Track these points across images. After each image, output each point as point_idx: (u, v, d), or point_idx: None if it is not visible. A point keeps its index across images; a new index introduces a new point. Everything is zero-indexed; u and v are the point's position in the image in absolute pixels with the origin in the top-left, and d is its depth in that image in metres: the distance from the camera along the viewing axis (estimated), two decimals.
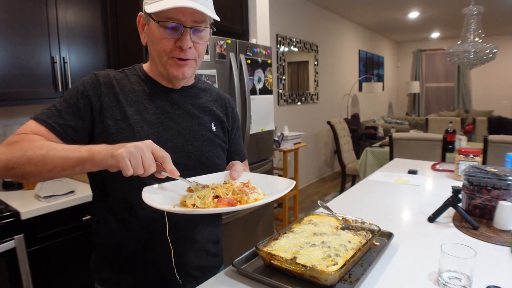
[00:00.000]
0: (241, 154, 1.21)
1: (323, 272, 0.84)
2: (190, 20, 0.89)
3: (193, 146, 1.01)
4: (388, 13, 6.54)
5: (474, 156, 1.85)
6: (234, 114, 1.19)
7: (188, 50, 0.92)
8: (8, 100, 1.87)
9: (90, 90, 0.94)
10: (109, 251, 1.02)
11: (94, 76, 0.98)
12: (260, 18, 3.12)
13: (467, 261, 0.85)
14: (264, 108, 2.86)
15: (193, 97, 1.07)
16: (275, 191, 0.88)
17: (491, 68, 8.31)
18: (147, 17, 0.93)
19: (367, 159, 3.98)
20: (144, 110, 0.98)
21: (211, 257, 1.10)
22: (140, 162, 0.74)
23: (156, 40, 0.92)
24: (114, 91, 0.96)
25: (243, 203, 0.81)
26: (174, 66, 0.94)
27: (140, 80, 1.01)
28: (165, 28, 0.89)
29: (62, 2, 2.04)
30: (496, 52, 4.44)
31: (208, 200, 0.81)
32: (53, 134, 0.88)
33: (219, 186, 0.87)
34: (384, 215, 1.43)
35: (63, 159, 0.78)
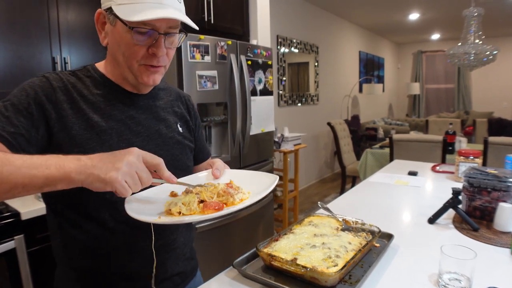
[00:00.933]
0: (205, 151, 1.18)
1: (324, 273, 0.84)
2: (165, 26, 0.83)
3: (164, 150, 0.96)
4: (389, 15, 6.54)
5: (474, 157, 1.85)
6: (195, 112, 1.15)
7: (161, 57, 0.86)
8: None
9: (43, 96, 0.81)
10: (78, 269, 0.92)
11: (45, 79, 0.85)
12: (261, 19, 3.12)
13: (467, 262, 0.85)
14: (265, 109, 2.86)
15: (155, 98, 1.01)
16: (259, 188, 0.85)
17: (491, 70, 8.31)
18: (113, 17, 0.83)
19: (367, 161, 3.98)
20: (109, 116, 0.89)
21: (188, 261, 1.06)
22: (137, 179, 0.67)
23: (126, 46, 0.84)
24: (72, 97, 0.85)
25: (229, 204, 0.79)
26: (145, 73, 0.87)
27: (96, 83, 0.91)
28: (138, 34, 0.82)
29: (63, 2, 2.05)
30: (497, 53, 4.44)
31: (193, 206, 0.78)
32: (3, 145, 0.73)
33: (203, 190, 0.83)
34: (384, 217, 1.43)
35: (25, 178, 0.64)
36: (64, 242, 0.91)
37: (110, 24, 0.85)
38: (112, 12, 0.82)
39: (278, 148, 3.83)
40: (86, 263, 0.90)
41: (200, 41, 2.21)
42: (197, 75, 2.21)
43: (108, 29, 0.87)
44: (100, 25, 0.89)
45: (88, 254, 0.90)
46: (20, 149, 0.75)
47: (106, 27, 0.87)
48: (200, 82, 2.23)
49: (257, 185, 0.87)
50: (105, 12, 0.85)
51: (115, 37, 0.85)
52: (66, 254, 0.92)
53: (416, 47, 10.08)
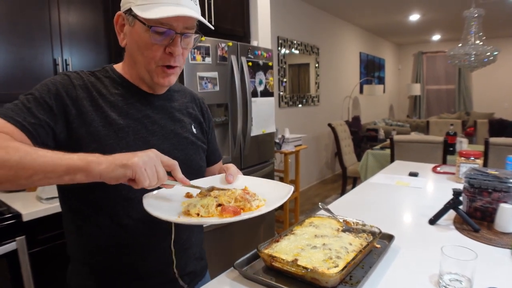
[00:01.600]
0: (217, 153, 1.20)
1: (324, 274, 0.84)
2: (182, 26, 0.86)
3: (179, 150, 0.98)
4: (389, 16, 6.55)
5: (475, 158, 1.85)
6: (209, 114, 1.17)
7: (177, 57, 0.89)
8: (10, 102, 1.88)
9: (64, 92, 0.85)
10: (92, 266, 0.94)
11: (67, 77, 0.88)
12: (261, 21, 3.13)
13: (468, 263, 0.85)
14: (265, 111, 2.87)
15: (170, 100, 1.03)
16: (274, 197, 0.86)
17: (492, 71, 8.30)
18: (132, 18, 0.86)
19: (368, 162, 3.97)
20: (126, 114, 0.91)
21: (197, 261, 1.08)
22: (155, 172, 0.71)
23: (145, 46, 0.87)
24: (92, 95, 0.89)
25: (246, 210, 0.81)
26: (161, 75, 0.90)
27: (115, 83, 0.94)
28: (156, 33, 0.85)
29: (65, 4, 2.05)
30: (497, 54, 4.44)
31: (212, 209, 0.80)
32: (24, 134, 0.75)
33: (221, 193, 0.85)
34: (385, 218, 1.43)
35: (48, 165, 0.67)
36: (79, 238, 0.94)
37: (129, 25, 0.88)
38: (131, 12, 0.85)
39: (279, 149, 3.83)
40: (99, 259, 0.93)
41: (201, 43, 2.22)
42: (198, 77, 2.21)
43: (127, 30, 0.90)
44: (119, 27, 0.92)
45: (101, 250, 0.92)
46: (40, 141, 0.78)
47: (125, 28, 0.90)
48: (201, 83, 2.24)
49: (271, 193, 0.88)
50: (124, 14, 0.89)
51: (134, 38, 0.88)
52: (80, 250, 0.95)
53: (416, 48, 10.08)
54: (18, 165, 0.66)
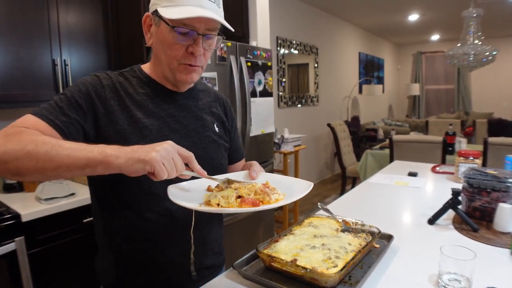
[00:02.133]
0: (240, 152, 1.24)
1: (323, 274, 0.84)
2: (204, 27, 0.90)
3: (200, 148, 1.02)
4: (388, 16, 6.55)
5: (474, 158, 1.85)
6: (232, 114, 1.21)
7: (199, 57, 0.93)
8: (9, 102, 1.88)
9: (93, 92, 0.91)
10: (116, 253, 1.00)
11: (96, 78, 0.95)
12: (261, 21, 3.13)
13: (467, 263, 0.85)
14: (264, 111, 2.87)
15: (194, 99, 1.07)
16: (293, 192, 0.89)
17: (491, 70, 8.31)
18: (158, 19, 0.91)
19: (368, 162, 3.98)
20: (151, 113, 0.97)
21: (216, 256, 1.12)
22: (173, 164, 0.73)
23: (168, 45, 0.91)
24: (119, 95, 0.94)
25: (265, 203, 0.82)
26: (183, 72, 0.94)
27: (142, 83, 1.00)
28: (179, 34, 0.89)
29: (64, 5, 2.05)
30: (496, 54, 4.45)
31: (231, 200, 0.82)
32: (56, 131, 0.82)
33: (242, 186, 0.87)
34: (384, 217, 1.43)
35: (70, 158, 0.71)
36: (105, 228, 1.00)
37: (155, 25, 0.93)
38: (157, 13, 0.90)
39: (278, 149, 3.83)
40: (123, 248, 0.98)
41: None
42: None
43: (153, 30, 0.95)
44: (147, 27, 0.97)
45: (125, 240, 0.97)
46: (71, 138, 0.83)
47: (152, 28, 0.95)
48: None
49: (291, 189, 0.91)
50: (151, 15, 0.94)
51: (159, 37, 0.93)
52: (106, 239, 1.00)
53: (415, 48, 10.09)
54: (45, 158, 0.71)
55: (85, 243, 1.87)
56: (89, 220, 1.87)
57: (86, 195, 1.89)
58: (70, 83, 2.08)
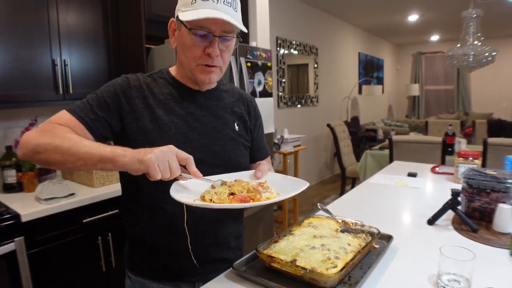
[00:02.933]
0: (263, 151, 1.28)
1: (323, 274, 0.84)
2: (219, 29, 0.95)
3: (217, 145, 1.07)
4: (388, 16, 6.56)
5: (473, 158, 1.85)
6: (256, 113, 1.25)
7: (215, 58, 0.98)
8: (9, 103, 1.88)
9: (121, 92, 1.01)
10: (139, 241, 1.09)
11: (126, 79, 1.05)
12: (260, 21, 3.13)
13: (466, 263, 0.85)
14: (264, 111, 2.86)
15: (217, 99, 1.13)
16: (287, 191, 0.93)
17: (491, 71, 8.31)
18: (179, 23, 0.98)
19: (367, 162, 3.98)
20: (172, 111, 1.04)
21: (232, 250, 1.16)
22: (167, 166, 0.80)
23: (187, 47, 0.98)
24: (144, 94, 1.03)
25: (256, 201, 0.87)
26: (202, 72, 1.01)
27: (167, 83, 1.08)
28: (196, 36, 0.95)
29: (63, 5, 2.05)
30: (495, 55, 4.45)
31: (223, 196, 0.87)
32: (84, 127, 0.95)
33: (236, 184, 0.92)
34: (383, 218, 1.43)
35: (87, 154, 0.83)
36: (130, 218, 1.11)
37: (178, 29, 1.01)
38: (178, 18, 0.98)
39: (278, 149, 3.83)
40: (143, 237, 1.08)
41: None
42: None
43: (176, 34, 1.03)
44: (172, 31, 1.05)
45: (144, 229, 1.07)
46: (98, 132, 0.97)
47: (176, 33, 1.03)
48: None
49: (288, 188, 0.95)
50: (175, 20, 1.01)
51: (180, 40, 1.01)
52: (132, 228, 1.11)
53: (415, 48, 10.09)
54: (68, 152, 0.84)
55: (85, 243, 1.87)
56: (89, 220, 1.87)
57: (86, 195, 1.89)
58: (70, 83, 2.08)
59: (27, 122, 2.17)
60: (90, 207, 1.89)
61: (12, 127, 2.17)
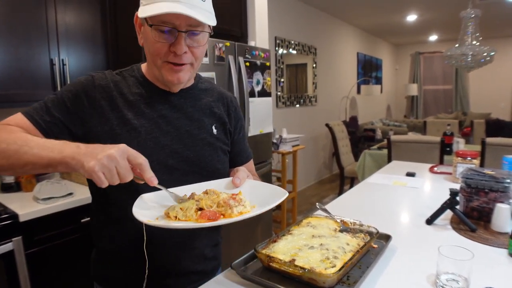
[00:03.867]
0: (244, 154, 1.19)
1: (322, 274, 0.84)
2: (185, 24, 0.85)
3: (192, 151, 0.98)
4: (387, 16, 6.56)
5: (471, 158, 1.85)
6: (237, 114, 1.14)
7: (183, 55, 0.88)
8: (7, 102, 1.87)
9: (83, 93, 0.91)
10: (107, 251, 1.01)
11: (91, 78, 0.94)
12: (259, 21, 3.13)
13: (465, 263, 0.85)
14: (263, 111, 2.87)
15: (193, 99, 1.03)
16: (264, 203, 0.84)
17: (489, 71, 8.32)
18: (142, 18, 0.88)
19: (366, 162, 3.98)
20: (142, 114, 0.94)
21: (209, 261, 1.09)
22: (114, 173, 0.69)
23: (150, 43, 0.89)
24: (111, 95, 0.93)
25: (227, 216, 0.78)
26: (169, 71, 0.90)
27: (137, 82, 0.98)
28: (159, 32, 0.86)
29: (62, 4, 2.05)
30: (494, 55, 4.46)
31: (190, 213, 0.78)
32: (37, 129, 0.86)
33: (204, 197, 0.83)
34: (382, 218, 1.43)
35: (35, 157, 0.74)
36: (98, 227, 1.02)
37: (142, 24, 0.91)
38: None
39: (277, 149, 3.83)
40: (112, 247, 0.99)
41: None
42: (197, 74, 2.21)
43: (142, 30, 0.93)
44: (138, 26, 0.95)
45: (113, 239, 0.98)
46: (53, 136, 0.85)
47: (142, 28, 0.93)
48: None
49: (265, 199, 0.86)
50: None
51: (145, 36, 0.91)
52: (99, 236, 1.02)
53: (414, 48, 10.11)
54: (14, 156, 0.75)
55: (82, 243, 1.86)
56: (87, 220, 1.86)
57: (84, 195, 1.89)
58: (68, 83, 2.07)
59: None
60: (88, 207, 1.87)
61: None
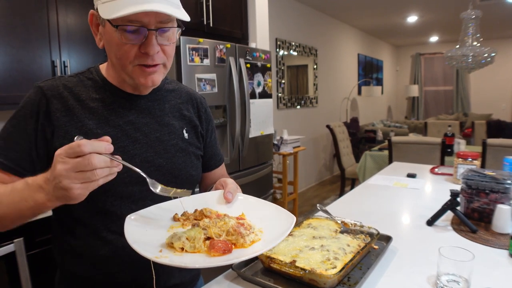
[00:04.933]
0: (217, 158, 1.13)
1: (322, 275, 0.84)
2: (154, 21, 0.77)
3: (164, 159, 0.91)
4: (387, 17, 6.57)
5: (472, 159, 1.85)
6: (208, 115, 1.08)
7: (156, 55, 0.80)
8: (9, 104, 1.88)
9: (35, 110, 0.82)
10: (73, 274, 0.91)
11: (39, 89, 0.83)
12: (260, 23, 3.14)
13: (465, 264, 0.85)
14: (264, 112, 2.87)
15: (161, 101, 0.95)
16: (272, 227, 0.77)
17: (490, 72, 8.33)
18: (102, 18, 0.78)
19: (366, 163, 3.98)
20: (106, 122, 0.85)
21: (186, 271, 1.00)
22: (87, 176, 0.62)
23: (116, 46, 0.79)
24: (67, 104, 0.83)
25: (239, 246, 0.71)
26: (141, 75, 0.82)
27: (97, 86, 0.88)
28: (126, 32, 0.76)
29: (63, 6, 2.05)
30: (494, 56, 4.46)
31: (198, 244, 0.71)
32: (6, 172, 0.78)
33: (211, 225, 0.76)
34: (383, 219, 1.43)
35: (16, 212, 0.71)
36: (61, 247, 0.92)
37: (102, 25, 0.81)
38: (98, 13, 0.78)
39: (278, 150, 3.84)
40: (78, 269, 0.90)
41: (199, 45, 2.22)
42: (196, 78, 2.21)
43: (101, 30, 0.83)
44: (95, 26, 0.85)
45: (80, 260, 0.88)
46: (26, 172, 0.78)
47: (100, 29, 0.83)
48: (199, 85, 2.24)
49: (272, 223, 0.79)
50: (96, 13, 0.81)
51: (107, 38, 0.81)
52: (62, 258, 0.92)
53: (414, 49, 10.11)
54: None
55: None
56: None
57: None
58: None
59: None
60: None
61: None
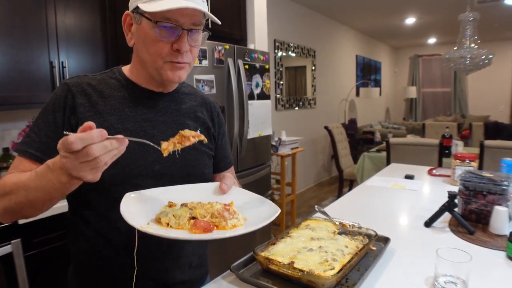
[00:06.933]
0: (227, 160, 1.17)
1: (320, 276, 0.84)
2: (189, 22, 0.85)
3: (179, 156, 0.92)
4: (385, 19, 6.59)
5: (470, 161, 1.86)
6: (220, 119, 1.14)
7: (185, 54, 0.88)
8: (7, 105, 1.87)
9: (62, 105, 0.88)
10: (89, 265, 0.96)
11: (66, 85, 0.91)
12: (258, 24, 3.14)
13: (463, 265, 0.86)
14: (262, 113, 2.87)
15: (178, 103, 1.02)
16: (256, 216, 0.83)
17: (488, 74, 8.36)
18: (139, 16, 0.86)
19: (364, 164, 3.99)
20: (126, 118, 0.92)
21: (195, 269, 1.05)
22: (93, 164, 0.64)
23: (150, 42, 0.86)
24: (90, 100, 0.90)
25: (220, 228, 0.77)
26: (170, 70, 0.89)
27: (120, 85, 0.95)
28: (162, 29, 0.84)
29: (62, 7, 2.05)
30: (492, 57, 4.47)
31: (183, 221, 0.76)
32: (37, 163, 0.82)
33: (198, 206, 0.81)
34: (381, 220, 1.44)
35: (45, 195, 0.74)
36: (76, 238, 0.96)
37: (136, 23, 0.88)
38: (138, 10, 0.86)
39: (276, 152, 3.84)
40: (92, 260, 0.94)
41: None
42: (195, 79, 2.21)
43: (134, 29, 0.90)
44: (127, 26, 0.92)
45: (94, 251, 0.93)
46: None
47: (133, 28, 0.90)
48: (197, 86, 2.24)
49: (257, 213, 0.84)
50: (131, 13, 0.89)
51: (141, 36, 0.88)
52: (77, 250, 0.96)
53: (412, 51, 10.14)
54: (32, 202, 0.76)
55: None
56: None
57: None
58: None
59: (24, 124, 2.17)
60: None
61: (10, 129, 2.17)
